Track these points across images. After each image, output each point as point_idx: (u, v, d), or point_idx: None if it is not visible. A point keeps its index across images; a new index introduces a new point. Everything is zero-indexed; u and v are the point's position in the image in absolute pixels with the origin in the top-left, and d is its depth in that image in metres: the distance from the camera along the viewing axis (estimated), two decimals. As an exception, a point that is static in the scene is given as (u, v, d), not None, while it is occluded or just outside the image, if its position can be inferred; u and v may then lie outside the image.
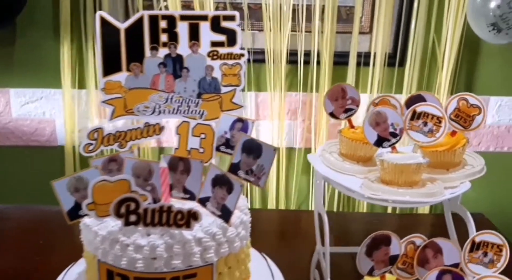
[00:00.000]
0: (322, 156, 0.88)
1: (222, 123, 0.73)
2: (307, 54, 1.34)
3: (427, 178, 0.80)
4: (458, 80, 1.39)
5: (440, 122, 0.78)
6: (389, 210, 1.44)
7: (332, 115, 0.87)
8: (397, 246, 0.69)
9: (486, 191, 1.48)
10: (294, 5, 1.30)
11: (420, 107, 0.78)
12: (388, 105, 0.87)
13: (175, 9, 1.22)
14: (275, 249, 0.94)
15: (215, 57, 0.72)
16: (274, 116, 1.38)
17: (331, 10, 1.30)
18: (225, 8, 1.29)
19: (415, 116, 0.78)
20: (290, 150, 1.43)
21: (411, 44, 1.35)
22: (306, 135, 1.42)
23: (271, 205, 1.43)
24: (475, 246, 0.71)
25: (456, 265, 0.70)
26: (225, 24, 0.71)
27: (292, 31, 1.32)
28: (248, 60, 1.33)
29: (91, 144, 0.68)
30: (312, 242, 0.92)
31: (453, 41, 1.34)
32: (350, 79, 1.37)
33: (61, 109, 1.36)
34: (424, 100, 0.84)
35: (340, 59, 1.36)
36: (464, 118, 0.82)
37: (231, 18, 0.71)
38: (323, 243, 0.83)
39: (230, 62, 0.72)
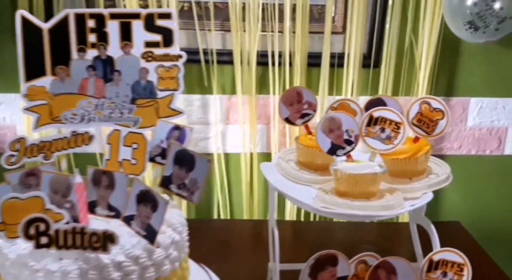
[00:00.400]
0: (278, 164, 0.82)
1: (158, 131, 0.67)
2: (279, 55, 1.29)
3: (387, 189, 0.74)
4: (437, 82, 1.33)
5: (398, 128, 0.72)
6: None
7: (287, 121, 0.82)
8: (345, 267, 0.63)
9: (468, 196, 1.42)
10: (263, 4, 1.25)
11: (377, 112, 0.72)
12: (348, 109, 0.81)
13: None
14: (233, 265, 0.88)
15: (150, 58, 0.66)
16: (245, 120, 1.33)
17: (302, 9, 1.25)
18: (190, 8, 1.24)
19: (372, 121, 0.73)
20: (264, 156, 1.38)
21: (386, 44, 1.29)
22: (281, 140, 1.37)
23: (240, 215, 1.38)
24: (433, 266, 0.65)
25: (412, 286, 0.64)
26: (160, 22, 0.66)
27: (262, 31, 1.27)
28: (218, 61, 1.29)
29: (13, 155, 0.63)
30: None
31: (430, 41, 1.28)
32: (324, 81, 1.31)
33: (22, 115, 1.30)
34: (385, 104, 0.78)
35: (314, 60, 1.30)
36: (427, 123, 0.76)
37: (167, 16, 0.66)
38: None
39: (167, 64, 0.67)
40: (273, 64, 1.29)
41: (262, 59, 1.28)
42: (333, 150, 0.73)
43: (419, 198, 0.73)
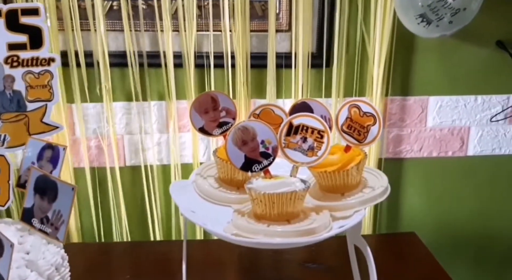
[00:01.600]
0: (195, 182, 0.72)
1: (30, 151, 0.56)
2: (219, 56, 1.18)
3: (313, 207, 0.64)
4: (393, 80, 1.24)
5: (322, 137, 0.62)
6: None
7: (202, 131, 0.71)
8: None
9: (429, 200, 1.33)
10: (199, 0, 1.14)
11: (297, 119, 0.62)
12: (271, 116, 0.71)
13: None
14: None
15: (15, 64, 0.55)
16: (186, 128, 1.22)
17: (241, 5, 1.14)
18: (119, 6, 1.13)
19: (292, 130, 0.63)
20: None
21: (337, 41, 1.20)
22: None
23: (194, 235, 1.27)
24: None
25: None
26: (25, 20, 0.55)
27: (198, 30, 1.16)
28: (151, 65, 1.18)
29: None
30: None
31: (382, 37, 1.19)
32: (271, 83, 1.21)
33: None
34: (310, 109, 0.68)
35: (258, 61, 1.20)
36: (357, 129, 0.66)
37: (34, 12, 0.55)
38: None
39: (37, 69, 0.56)
40: (215, 66, 1.19)
41: (200, 61, 1.18)
42: (248, 166, 0.62)
43: (350, 217, 0.63)
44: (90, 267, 0.93)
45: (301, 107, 0.68)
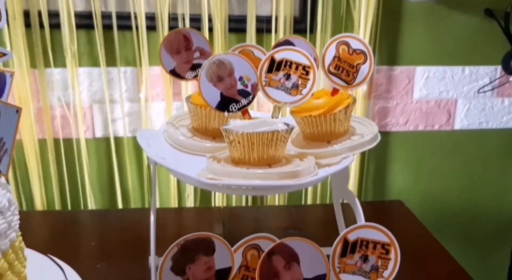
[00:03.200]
0: (166, 131, 0.64)
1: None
2: (196, 19, 1.11)
3: (296, 154, 0.57)
4: (379, 49, 1.19)
5: (307, 73, 0.55)
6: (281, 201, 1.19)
7: (174, 73, 0.64)
8: (227, 255, 0.46)
9: (415, 175, 1.28)
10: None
11: (279, 54, 0.55)
12: (251, 59, 0.64)
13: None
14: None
15: None
16: (159, 96, 1.14)
17: (219, -37, 1.07)
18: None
19: (274, 66, 0.55)
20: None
21: (321, 6, 1.14)
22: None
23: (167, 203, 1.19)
24: (349, 248, 0.48)
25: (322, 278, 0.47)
26: None
27: (174, -9, 1.08)
28: (120, 27, 1.09)
29: None
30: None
31: (369, 1, 1.13)
32: (251, 49, 1.14)
33: None
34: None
35: (237, 25, 1.13)
36: (346, 69, 0.60)
37: None
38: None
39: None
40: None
41: (175, 24, 1.10)
42: (224, 105, 0.55)
43: (337, 163, 0.56)
44: (55, 234, 0.85)
45: (284, 45, 0.62)
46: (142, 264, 0.74)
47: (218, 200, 1.17)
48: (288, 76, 0.55)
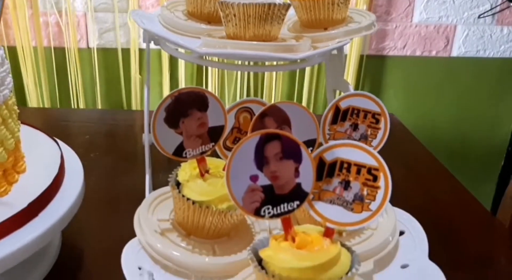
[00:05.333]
0: (160, 15, 0.63)
1: None
2: None
3: (292, 36, 0.57)
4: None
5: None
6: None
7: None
8: (219, 113, 0.46)
9: (409, 100, 1.29)
10: None
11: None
12: None
13: None
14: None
15: None
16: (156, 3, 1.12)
17: None
18: None
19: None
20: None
21: None
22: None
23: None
24: (340, 115, 0.49)
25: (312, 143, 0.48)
26: None
27: None
28: None
29: None
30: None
31: None
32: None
33: None
34: None
35: None
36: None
37: None
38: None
39: None
40: None
41: None
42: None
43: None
44: (49, 129, 0.85)
45: None
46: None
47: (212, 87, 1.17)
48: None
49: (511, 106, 1.33)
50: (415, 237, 0.49)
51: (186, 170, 0.46)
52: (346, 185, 0.40)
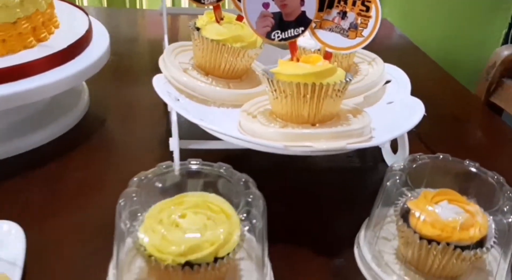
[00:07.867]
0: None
1: None
2: None
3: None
4: None
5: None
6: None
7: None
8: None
9: (401, 20, 1.34)
10: None
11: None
12: None
13: None
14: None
15: None
16: None
17: None
18: None
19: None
20: None
21: None
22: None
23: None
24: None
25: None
26: None
27: None
28: None
29: None
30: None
31: None
32: None
33: None
34: None
35: None
36: None
37: None
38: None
39: None
40: None
41: None
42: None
43: None
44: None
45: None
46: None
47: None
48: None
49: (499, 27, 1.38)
50: (400, 83, 0.57)
51: (204, 18, 0.53)
52: (343, 15, 0.47)
